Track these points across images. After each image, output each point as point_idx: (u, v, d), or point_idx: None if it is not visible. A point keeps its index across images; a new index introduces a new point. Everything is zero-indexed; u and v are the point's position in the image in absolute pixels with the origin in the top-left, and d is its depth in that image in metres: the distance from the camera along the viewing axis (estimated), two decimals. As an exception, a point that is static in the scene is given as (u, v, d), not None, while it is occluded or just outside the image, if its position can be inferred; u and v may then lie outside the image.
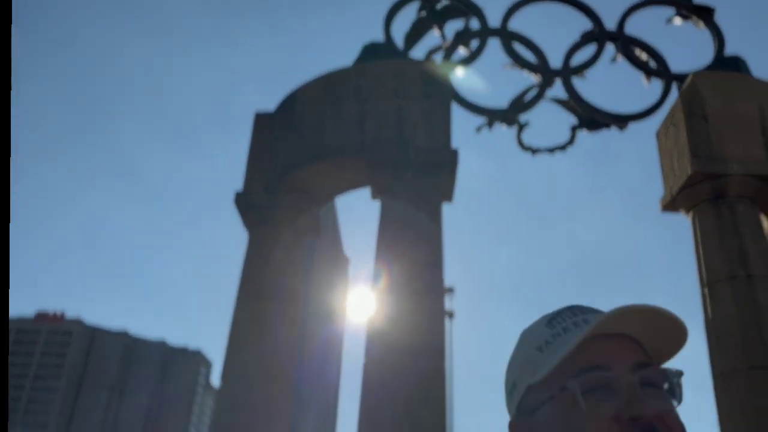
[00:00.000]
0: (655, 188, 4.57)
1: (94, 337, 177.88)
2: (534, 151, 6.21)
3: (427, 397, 2.96)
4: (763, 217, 4.02)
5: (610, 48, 7.15)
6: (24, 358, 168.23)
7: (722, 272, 3.39)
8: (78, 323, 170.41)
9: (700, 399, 3.35)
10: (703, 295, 3.48)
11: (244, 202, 3.91)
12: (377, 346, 3.13)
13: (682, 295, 3.73)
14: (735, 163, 3.50)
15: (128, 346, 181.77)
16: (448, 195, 3.52)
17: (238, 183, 4.57)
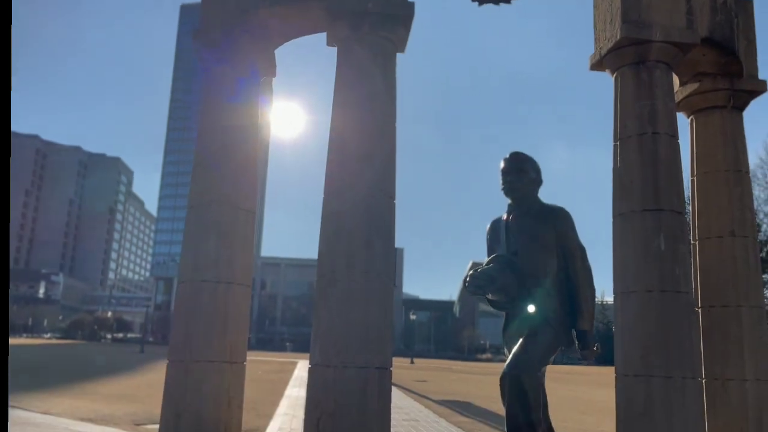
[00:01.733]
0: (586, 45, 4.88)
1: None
2: (480, 2, 6.31)
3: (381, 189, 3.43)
4: (676, 81, 4.53)
5: None
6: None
7: (633, 129, 3.91)
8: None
9: (607, 235, 4.04)
10: (615, 147, 4.04)
11: (202, 38, 4.00)
12: (335, 151, 3.51)
13: (607, 147, 4.18)
14: (659, 30, 3.86)
15: (40, 150, 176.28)
16: (401, 47, 3.73)
17: None
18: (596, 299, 5.14)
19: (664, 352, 3.52)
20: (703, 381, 4.29)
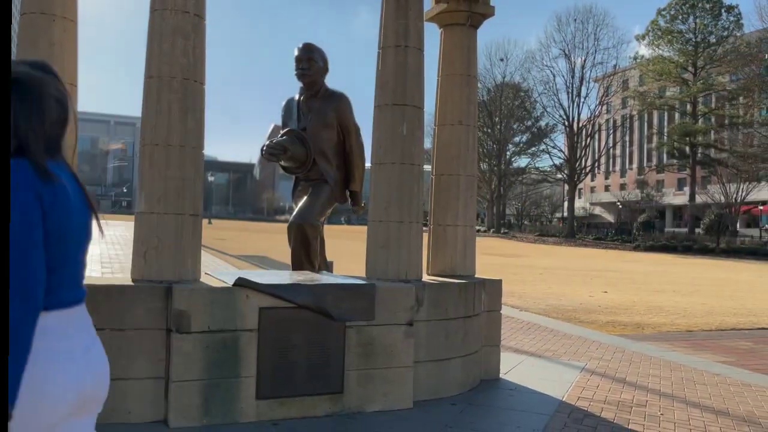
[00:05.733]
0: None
1: None
2: None
3: None
4: (427, 9, 5.83)
5: None
6: None
7: (391, 41, 5.16)
8: None
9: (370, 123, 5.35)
10: (378, 54, 5.28)
11: None
12: None
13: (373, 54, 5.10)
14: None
15: None
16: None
17: None
18: (366, 167, 6.63)
19: (399, 205, 5.05)
20: (431, 227, 5.99)
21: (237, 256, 20.69)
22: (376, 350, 4.66)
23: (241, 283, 4.29)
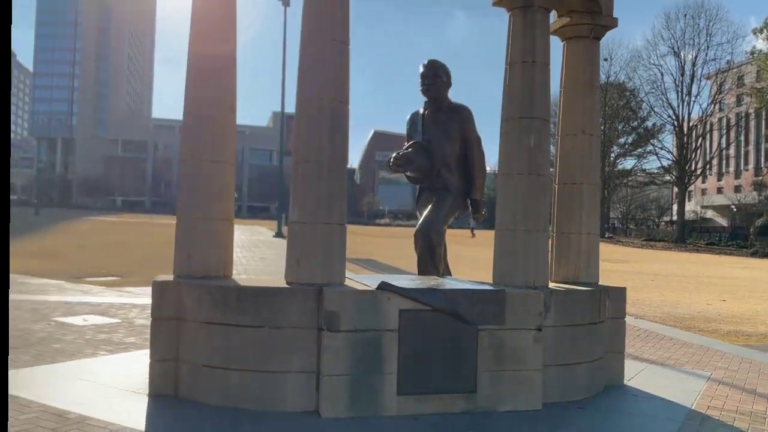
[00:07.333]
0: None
1: None
2: None
3: None
4: (554, 14, 5.98)
5: None
6: None
7: (518, 57, 5.39)
8: None
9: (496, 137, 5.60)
10: (506, 69, 5.52)
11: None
12: None
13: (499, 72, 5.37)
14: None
15: None
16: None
17: None
18: (487, 174, 6.90)
19: (526, 215, 5.26)
20: (554, 235, 6.15)
21: (347, 259, 21.17)
22: (506, 353, 4.90)
23: (384, 287, 4.65)
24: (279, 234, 34.65)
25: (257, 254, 20.76)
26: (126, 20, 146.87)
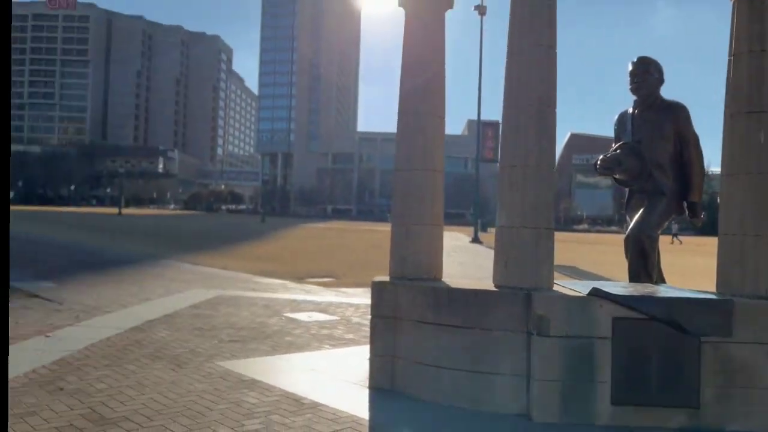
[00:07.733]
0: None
1: (111, 21, 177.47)
2: None
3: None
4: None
5: None
6: (47, 44, 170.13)
7: (745, 47, 4.95)
8: (92, 7, 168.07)
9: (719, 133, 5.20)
10: (729, 61, 5.10)
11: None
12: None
13: (722, 63, 4.93)
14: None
15: (146, 31, 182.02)
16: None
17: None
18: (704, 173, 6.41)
19: (754, 217, 4.82)
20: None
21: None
22: (735, 368, 4.53)
23: (596, 294, 4.57)
24: (475, 239, 35.07)
25: (456, 259, 21.26)
26: (334, 43, 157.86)
